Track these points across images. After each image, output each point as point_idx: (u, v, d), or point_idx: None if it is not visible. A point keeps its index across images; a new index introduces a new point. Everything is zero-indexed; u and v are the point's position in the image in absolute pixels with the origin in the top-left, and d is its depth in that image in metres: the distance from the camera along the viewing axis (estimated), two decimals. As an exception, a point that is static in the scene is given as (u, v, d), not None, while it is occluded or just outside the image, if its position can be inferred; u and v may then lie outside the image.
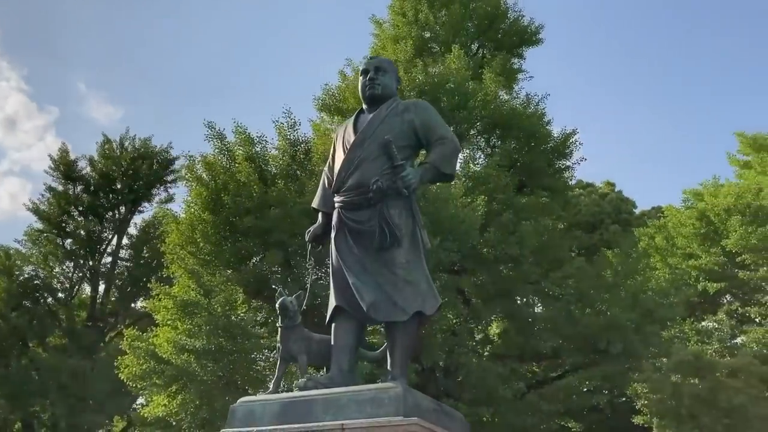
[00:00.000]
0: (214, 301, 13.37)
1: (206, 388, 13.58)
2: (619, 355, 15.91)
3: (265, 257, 13.75)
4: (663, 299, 17.12)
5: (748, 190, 21.55)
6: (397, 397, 5.17)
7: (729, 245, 21.08)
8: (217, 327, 13.12)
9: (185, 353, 13.51)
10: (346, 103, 18.47)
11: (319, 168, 15.41)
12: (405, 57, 18.39)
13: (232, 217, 14.36)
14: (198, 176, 14.98)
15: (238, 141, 16.14)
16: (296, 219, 13.98)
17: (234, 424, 5.71)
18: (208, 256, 14.23)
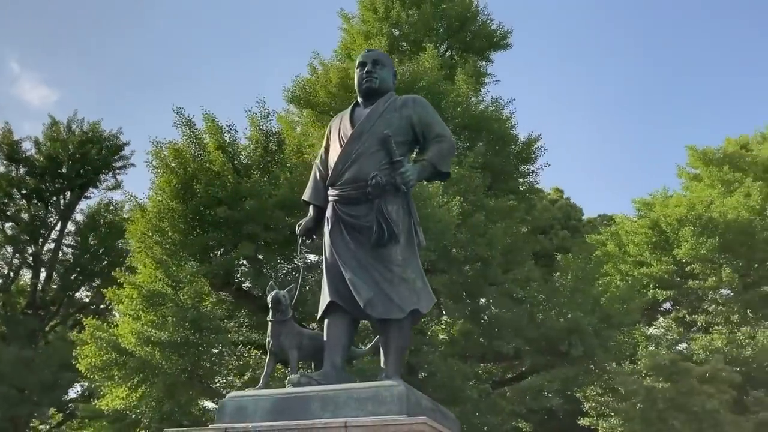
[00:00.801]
0: (183, 292, 13.00)
1: (170, 382, 13.20)
2: (579, 357, 16.25)
3: (238, 249, 13.45)
4: (620, 305, 17.55)
5: (700, 202, 22.32)
6: (399, 395, 5.11)
7: (680, 255, 21.81)
8: (185, 319, 12.76)
9: (150, 345, 13.10)
10: (316, 97, 18.31)
11: (291, 160, 15.22)
12: (377, 53, 18.27)
13: (202, 207, 14.01)
14: (166, 163, 14.54)
15: (206, 129, 15.80)
16: (270, 211, 13.78)
17: (223, 419, 5.57)
18: (176, 246, 13.83)
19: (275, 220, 13.80)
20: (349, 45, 21.05)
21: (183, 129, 15.58)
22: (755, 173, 24.12)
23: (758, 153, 25.70)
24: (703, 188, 24.33)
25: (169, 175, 14.36)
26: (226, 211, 13.41)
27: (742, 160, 25.28)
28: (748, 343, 19.24)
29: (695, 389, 13.35)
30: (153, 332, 13.06)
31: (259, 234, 13.62)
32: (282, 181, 14.29)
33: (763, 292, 20.77)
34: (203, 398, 14.40)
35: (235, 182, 13.69)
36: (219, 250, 13.97)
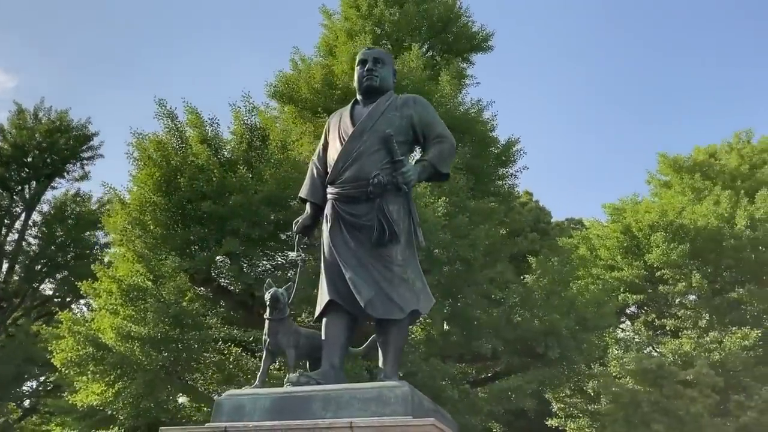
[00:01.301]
0: (164, 287, 12.79)
1: (149, 378, 12.98)
2: (556, 359, 16.44)
3: (222, 245, 13.28)
4: (594, 308, 17.80)
5: (671, 209, 22.75)
6: (404, 396, 5.10)
7: (651, 260, 22.20)
8: (166, 314, 12.55)
9: (130, 340, 12.87)
10: (298, 93, 18.19)
11: (276, 156, 15.08)
12: (363, 51, 18.21)
13: (186, 201, 13.80)
14: (149, 156, 14.29)
15: (188, 122, 15.59)
16: (255, 207, 13.64)
17: (220, 418, 5.52)
18: (157, 241, 13.60)
19: (260, 216, 13.66)
20: (332, 42, 20.92)
21: (164, 121, 15.37)
22: (723, 182, 24.69)
23: (726, 162, 26.31)
24: (673, 195, 24.79)
25: (152, 168, 14.11)
26: (211, 206, 13.21)
27: (711, 168, 25.86)
28: (715, 348, 19.67)
29: (679, 393, 13.61)
30: (133, 327, 12.82)
31: (244, 230, 13.44)
32: (266, 176, 14.17)
33: (731, 299, 21.24)
34: (181, 395, 14.17)
35: (221, 177, 13.49)
36: (202, 245, 13.73)
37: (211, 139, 14.65)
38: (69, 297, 28.69)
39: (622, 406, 14.34)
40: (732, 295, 21.20)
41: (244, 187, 13.39)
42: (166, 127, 15.34)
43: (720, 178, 25.08)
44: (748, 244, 21.76)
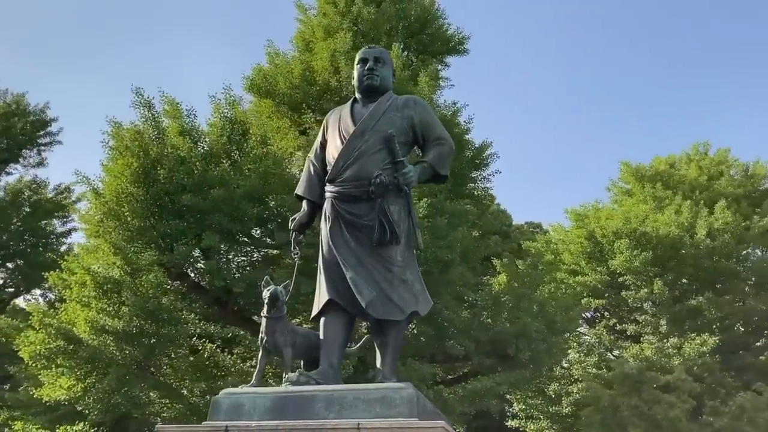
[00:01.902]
0: (141, 281, 12.48)
1: (123, 373, 12.67)
2: (526, 361, 16.65)
3: (202, 239, 13.03)
4: (563, 311, 18.09)
5: (635, 217, 23.30)
6: (410, 398, 5.07)
7: (614, 266, 22.70)
8: (143, 309, 12.25)
9: (104, 334, 12.53)
10: (276, 87, 17.99)
11: (255, 151, 14.87)
12: (343, 48, 18.13)
13: (164, 193, 13.50)
14: (126, 145, 13.91)
15: (165, 112, 15.24)
16: (237, 202, 13.43)
17: (218, 417, 5.37)
18: (132, 233, 13.27)
19: (240, 211, 13.46)
20: (308, 37, 20.70)
21: (141, 110, 15.00)
22: (683, 192, 25.38)
23: (686, 173, 27.05)
24: (634, 203, 25.37)
25: (129, 158, 13.74)
26: (192, 199, 12.94)
27: (671, 178, 26.55)
28: (675, 353, 20.22)
29: (657, 398, 13.95)
30: (108, 321, 12.49)
31: (225, 224, 13.22)
32: (246, 170, 13.97)
33: (690, 306, 21.88)
34: (154, 391, 13.84)
35: (203, 169, 13.23)
36: (180, 238, 13.45)
37: (190, 131, 14.32)
38: (22, 287, 27.76)
39: (599, 409, 14.59)
40: (691, 303, 21.83)
41: (225, 181, 13.13)
42: (143, 117, 14.97)
43: (680, 188, 25.78)
44: (707, 253, 22.44)
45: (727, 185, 25.99)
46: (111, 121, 14.71)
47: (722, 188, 25.77)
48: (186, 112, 15.17)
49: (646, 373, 14.38)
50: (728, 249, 22.73)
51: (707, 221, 22.99)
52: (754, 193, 26.14)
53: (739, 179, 26.87)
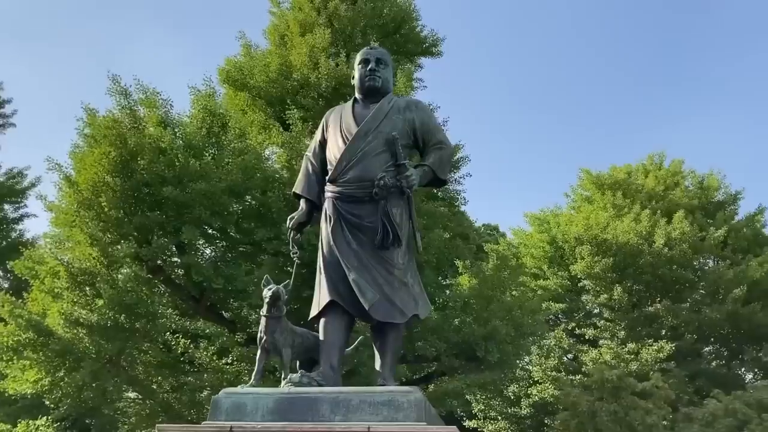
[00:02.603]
0: (120, 274, 12.17)
1: (96, 368, 12.33)
2: (496, 363, 16.84)
3: (182, 232, 12.76)
4: (530, 315, 18.35)
5: (596, 224, 23.80)
6: (417, 402, 5.09)
7: (575, 271, 23.15)
8: (120, 302, 11.94)
9: (77, 327, 12.17)
10: (253, 79, 17.76)
11: (234, 144, 14.65)
12: (322, 44, 18.01)
13: (143, 184, 13.18)
14: (104, 134, 13.52)
15: (141, 102, 14.87)
16: (219, 196, 13.21)
17: (218, 417, 5.31)
18: (109, 225, 12.91)
19: (221, 206, 13.24)
20: (283, 30, 20.48)
21: (117, 98, 14.61)
22: (641, 201, 26.03)
23: (643, 183, 27.75)
24: (594, 210, 25.89)
25: (107, 147, 13.35)
26: (173, 191, 12.66)
27: (630, 187, 27.20)
28: (632, 359, 20.76)
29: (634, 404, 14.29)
30: (82, 313, 12.12)
31: (205, 219, 12.98)
32: (227, 164, 13.76)
33: (648, 312, 22.48)
34: (126, 386, 13.51)
35: (185, 161, 12.94)
36: (158, 232, 13.14)
37: (171, 121, 14.01)
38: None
39: (576, 414, 14.87)
40: (649, 309, 22.43)
41: (207, 174, 12.89)
42: (119, 105, 14.58)
43: (638, 197, 26.42)
44: (664, 261, 23.07)
45: (682, 196, 26.76)
46: (86, 108, 14.31)
47: (677, 199, 26.52)
48: (162, 101, 14.86)
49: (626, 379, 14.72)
50: (685, 258, 23.42)
51: (665, 230, 23.62)
52: (708, 205, 26.98)
53: (693, 190, 27.69)
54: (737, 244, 25.27)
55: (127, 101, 14.58)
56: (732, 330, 22.57)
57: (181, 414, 13.49)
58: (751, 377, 24.31)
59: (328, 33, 18.28)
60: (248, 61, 18.36)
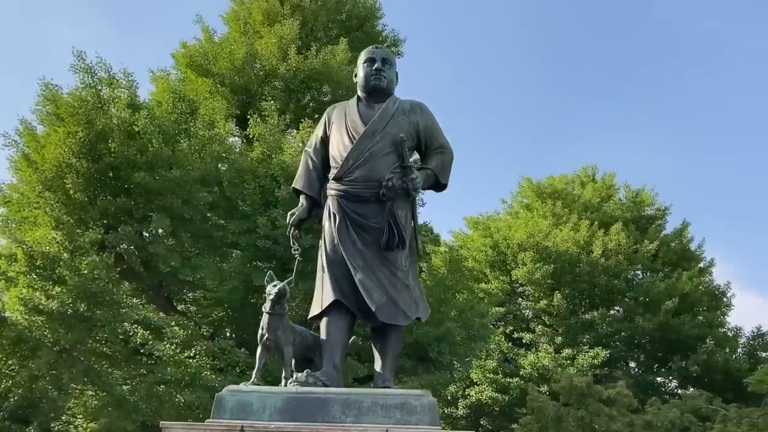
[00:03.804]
0: (86, 260, 11.61)
1: (54, 358, 11.75)
2: (447, 365, 17.06)
3: (151, 220, 12.31)
4: (480, 318, 18.68)
5: (538, 231, 24.46)
6: (430, 405, 5.13)
7: (517, 276, 23.72)
8: (85, 290, 11.41)
9: (36, 314, 11.56)
10: (215, 66, 17.31)
11: (202, 132, 14.25)
12: (290, 35, 17.74)
13: (111, 168, 12.64)
14: (71, 113, 12.87)
15: (105, 81, 14.24)
16: (190, 185, 12.83)
17: (223, 415, 5.21)
18: (76, 209, 12.33)
19: (193, 195, 12.86)
20: (245, 18, 20.04)
21: (82, 76, 13.96)
22: (579, 211, 26.93)
23: (580, 194, 28.71)
24: (533, 217, 26.61)
25: (73, 127, 12.71)
26: (145, 178, 12.19)
27: (568, 197, 28.08)
28: (569, 364, 21.49)
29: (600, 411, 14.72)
30: (43, 300, 11.52)
31: (177, 207, 12.57)
32: (199, 152, 13.39)
33: (584, 319, 23.28)
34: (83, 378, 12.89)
35: (159, 147, 12.47)
36: (126, 218, 12.63)
37: (141, 104, 13.48)
38: None
39: (539, 418, 15.21)
40: (585, 317, 23.24)
41: (182, 162, 12.48)
42: (83, 83, 13.93)
43: (575, 207, 27.30)
44: (601, 271, 23.96)
45: (615, 208, 27.82)
46: (46, 83, 13.59)
47: (611, 211, 27.55)
48: (130, 83, 14.30)
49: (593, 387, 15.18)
50: (619, 269, 24.37)
51: (603, 241, 24.50)
52: (639, 219, 28.14)
53: (627, 204, 28.84)
54: (666, 258, 26.47)
55: (92, 79, 13.94)
56: (662, 340, 23.65)
57: (137, 407, 13.04)
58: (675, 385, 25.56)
59: (297, 24, 18.04)
60: (212, 47, 17.90)
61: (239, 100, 17.38)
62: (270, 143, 13.45)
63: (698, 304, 24.86)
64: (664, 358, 25.00)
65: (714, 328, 24.62)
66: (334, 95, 17.32)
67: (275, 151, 13.27)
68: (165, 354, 12.33)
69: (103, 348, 12.91)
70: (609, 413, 14.60)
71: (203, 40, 18.56)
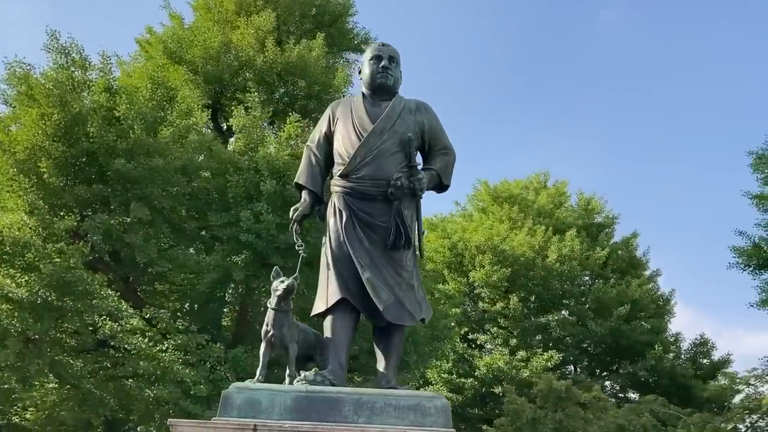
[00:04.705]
0: (62, 249, 11.15)
1: (20, 348, 11.25)
2: (413, 364, 17.12)
3: (131, 210, 11.90)
4: (443, 318, 18.83)
5: (496, 234, 24.81)
6: (444, 408, 5.11)
7: (474, 278, 23.96)
8: (60, 279, 10.96)
9: (4, 302, 11.04)
10: (189, 53, 16.89)
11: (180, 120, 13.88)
12: (267, 27, 17.45)
13: (87, 154, 12.17)
14: (46, 93, 12.33)
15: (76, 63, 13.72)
16: (171, 174, 12.47)
17: (230, 412, 5.06)
18: (50, 194, 11.83)
19: (173, 185, 12.51)
20: (219, 8, 19.59)
21: (55, 56, 13.42)
22: (533, 217, 27.44)
23: (534, 199, 29.25)
24: (491, 221, 26.96)
25: (48, 109, 12.18)
26: (126, 165, 11.79)
27: (523, 202, 28.57)
28: (523, 366, 21.89)
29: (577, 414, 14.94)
30: (12, 288, 11.02)
31: (156, 197, 12.20)
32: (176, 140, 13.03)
33: (538, 322, 23.73)
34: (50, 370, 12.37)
35: (140, 134, 12.07)
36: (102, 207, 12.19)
37: (119, 89, 13.02)
38: None
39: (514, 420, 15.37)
40: (540, 320, 23.68)
41: (164, 150, 12.12)
42: (55, 64, 13.40)
43: (530, 212, 27.79)
44: (556, 276, 24.46)
45: (567, 215, 28.45)
46: (17, 62, 13.01)
47: (563, 217, 28.16)
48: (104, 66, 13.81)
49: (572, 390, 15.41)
50: (573, 274, 24.94)
51: (558, 246, 25.02)
52: (590, 226, 28.85)
53: (579, 211, 29.53)
54: (616, 265, 27.22)
55: (66, 60, 13.41)
56: (612, 344, 24.32)
57: (103, 401, 12.66)
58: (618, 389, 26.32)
59: (273, 16, 17.76)
60: (186, 33, 17.46)
61: (211, 89, 17.00)
62: (252, 135, 13.19)
63: (646, 310, 25.66)
64: (611, 362, 25.72)
65: (659, 334, 25.48)
66: (309, 91, 17.14)
67: (259, 143, 13.03)
68: (137, 347, 11.96)
69: (70, 340, 12.42)
70: (585, 416, 14.88)
71: (175, 27, 18.11)
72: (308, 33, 20.04)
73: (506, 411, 16.13)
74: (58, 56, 13.40)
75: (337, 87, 17.71)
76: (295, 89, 17.08)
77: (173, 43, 16.89)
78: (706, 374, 25.27)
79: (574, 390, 15.77)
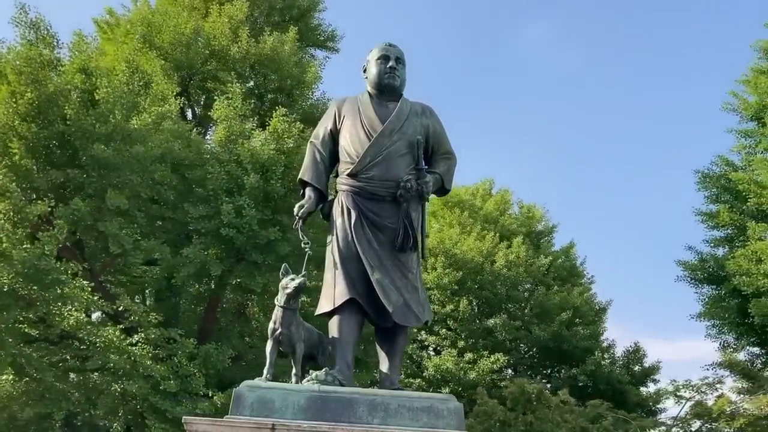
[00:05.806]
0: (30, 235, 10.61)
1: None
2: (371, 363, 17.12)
3: (108, 197, 11.44)
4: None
5: (449, 238, 25.12)
6: (457, 410, 5.21)
7: (427, 280, 24.15)
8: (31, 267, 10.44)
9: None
10: (159, 38, 16.36)
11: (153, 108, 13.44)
12: (240, 16, 17.09)
13: (62, 136, 11.64)
14: (18, 70, 11.73)
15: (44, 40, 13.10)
16: (150, 163, 12.07)
17: (242, 411, 5.07)
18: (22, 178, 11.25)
19: (149, 173, 12.11)
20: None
21: (24, 30, 12.80)
22: (481, 223, 27.91)
23: (482, 206, 29.75)
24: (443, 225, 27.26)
25: (20, 86, 11.58)
26: (105, 150, 11.32)
27: (472, 208, 29.01)
28: (471, 368, 22.23)
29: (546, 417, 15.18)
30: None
31: (135, 185, 11.77)
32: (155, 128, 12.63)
33: (486, 326, 24.14)
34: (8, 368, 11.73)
35: (121, 119, 11.61)
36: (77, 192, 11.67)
37: (95, 71, 12.48)
38: None
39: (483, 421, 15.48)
40: (488, 323, 24.10)
41: (144, 137, 11.70)
42: (23, 39, 12.78)
43: (478, 218, 28.25)
44: (504, 281, 24.95)
45: (511, 222, 29.06)
46: (-16, 34, 12.34)
47: (507, 224, 28.75)
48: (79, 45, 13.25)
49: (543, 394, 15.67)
50: (519, 280, 25.52)
51: (505, 252, 25.55)
52: (532, 234, 29.56)
53: (521, 219, 30.22)
54: (557, 273, 27.98)
55: (35, 36, 12.80)
56: (554, 349, 24.96)
57: (66, 395, 12.14)
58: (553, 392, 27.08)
59: (246, 6, 17.40)
60: (156, 17, 16.91)
61: (180, 76, 16.53)
62: (234, 127, 12.88)
63: (585, 317, 26.46)
64: (552, 366, 26.45)
65: (596, 340, 26.36)
66: (281, 84, 16.88)
67: (239, 135, 12.74)
68: (106, 340, 11.52)
69: (33, 331, 11.85)
70: (553, 419, 15.22)
71: (142, 10, 17.49)
72: (278, 26, 19.77)
73: (476, 412, 16.33)
74: (26, 31, 12.79)
75: (308, 83, 17.53)
76: (266, 82, 16.80)
77: (142, 27, 16.33)
78: (637, 380, 26.32)
79: (545, 394, 16.11)
